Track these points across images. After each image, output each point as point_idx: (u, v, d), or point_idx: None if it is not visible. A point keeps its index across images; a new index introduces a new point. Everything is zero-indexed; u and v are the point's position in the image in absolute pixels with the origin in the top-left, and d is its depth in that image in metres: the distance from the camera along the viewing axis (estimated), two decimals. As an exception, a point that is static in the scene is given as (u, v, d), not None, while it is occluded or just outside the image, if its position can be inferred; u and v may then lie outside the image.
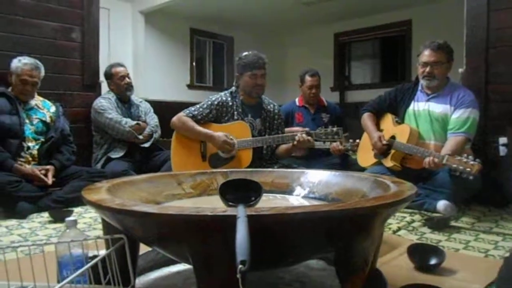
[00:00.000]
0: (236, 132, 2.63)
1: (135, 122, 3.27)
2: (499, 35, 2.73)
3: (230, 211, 0.85)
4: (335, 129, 2.57)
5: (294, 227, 0.89)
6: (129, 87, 3.41)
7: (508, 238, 1.93)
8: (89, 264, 0.96)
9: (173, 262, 1.47)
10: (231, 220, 0.80)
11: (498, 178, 2.59)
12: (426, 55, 2.53)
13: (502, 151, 2.68)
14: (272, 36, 7.66)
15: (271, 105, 2.84)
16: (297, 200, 1.53)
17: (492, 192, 2.57)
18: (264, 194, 1.27)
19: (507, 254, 1.44)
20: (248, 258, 0.69)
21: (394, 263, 1.56)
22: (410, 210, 2.44)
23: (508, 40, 2.71)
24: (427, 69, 2.52)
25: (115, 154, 3.21)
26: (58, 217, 2.29)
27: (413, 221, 2.25)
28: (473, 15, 2.82)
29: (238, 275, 0.67)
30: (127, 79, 3.39)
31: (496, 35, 2.74)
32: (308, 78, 3.52)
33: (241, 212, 0.82)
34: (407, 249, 1.55)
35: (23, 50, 3.09)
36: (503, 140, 2.68)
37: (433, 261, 1.50)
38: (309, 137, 2.52)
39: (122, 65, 3.47)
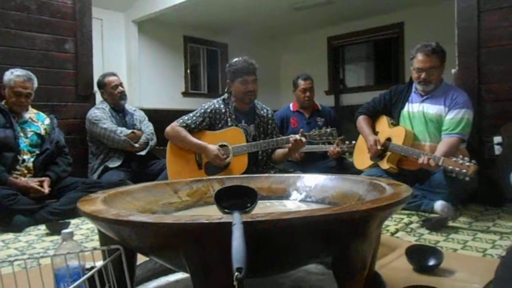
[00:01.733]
0: (231, 138, 2.62)
1: (130, 130, 3.26)
2: (490, 35, 2.75)
3: (225, 218, 0.84)
4: (329, 129, 2.56)
5: (290, 233, 0.89)
6: (123, 96, 3.39)
7: (505, 236, 1.94)
8: (85, 276, 0.96)
9: (172, 271, 1.47)
10: (227, 227, 0.80)
11: (494, 177, 2.60)
12: (421, 60, 2.51)
13: (497, 150, 2.68)
14: (266, 42, 7.69)
15: (264, 110, 2.84)
16: (294, 204, 1.53)
17: (488, 191, 2.58)
18: (260, 200, 1.27)
19: (505, 253, 1.44)
20: (245, 265, 0.69)
21: (392, 265, 1.56)
22: (407, 212, 2.44)
23: (499, 39, 2.74)
24: (423, 75, 2.52)
25: (112, 164, 3.19)
26: (55, 229, 2.27)
27: (410, 222, 2.25)
28: (463, 16, 2.84)
29: (235, 283, 0.67)
30: (120, 88, 3.37)
31: (487, 35, 2.76)
32: (301, 81, 3.54)
33: (236, 219, 0.81)
34: (406, 251, 1.56)
35: (16, 62, 3.09)
36: (497, 139, 2.69)
37: (431, 262, 1.50)
38: (303, 138, 2.50)
39: (114, 74, 3.45)
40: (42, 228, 2.40)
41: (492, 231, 2.04)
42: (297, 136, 2.49)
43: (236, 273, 0.68)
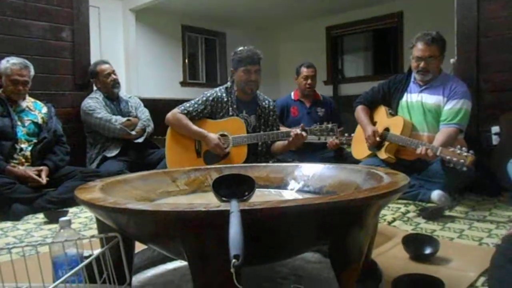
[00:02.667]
0: (231, 128, 2.62)
1: (125, 118, 3.24)
2: (490, 24, 2.74)
3: (223, 206, 0.85)
4: (330, 125, 2.57)
5: (287, 221, 0.89)
6: (115, 84, 3.35)
7: (501, 226, 1.95)
8: (82, 264, 0.96)
9: (170, 259, 1.48)
10: (224, 215, 0.80)
11: (491, 167, 2.61)
12: (420, 49, 2.49)
13: (495, 140, 2.69)
14: (264, 31, 7.64)
15: (266, 101, 2.83)
16: (291, 194, 1.53)
17: (485, 181, 2.59)
18: (258, 189, 1.27)
19: (500, 242, 1.45)
20: (242, 253, 0.69)
21: (389, 253, 1.57)
22: (404, 201, 2.45)
23: (498, 29, 2.73)
24: (422, 64, 2.51)
25: (110, 153, 3.19)
26: (53, 217, 2.27)
27: (407, 211, 2.26)
28: (463, 5, 2.83)
29: (232, 270, 0.67)
30: (112, 76, 3.33)
31: (486, 24, 2.75)
32: (304, 69, 3.55)
33: (234, 207, 0.81)
34: (402, 240, 1.56)
35: (12, 50, 3.06)
36: (495, 129, 2.70)
37: (427, 251, 1.51)
38: (304, 133, 2.52)
39: (106, 62, 3.41)
40: (40, 216, 2.40)
41: (489, 221, 2.05)
42: (298, 131, 2.50)
43: (234, 261, 0.68)
